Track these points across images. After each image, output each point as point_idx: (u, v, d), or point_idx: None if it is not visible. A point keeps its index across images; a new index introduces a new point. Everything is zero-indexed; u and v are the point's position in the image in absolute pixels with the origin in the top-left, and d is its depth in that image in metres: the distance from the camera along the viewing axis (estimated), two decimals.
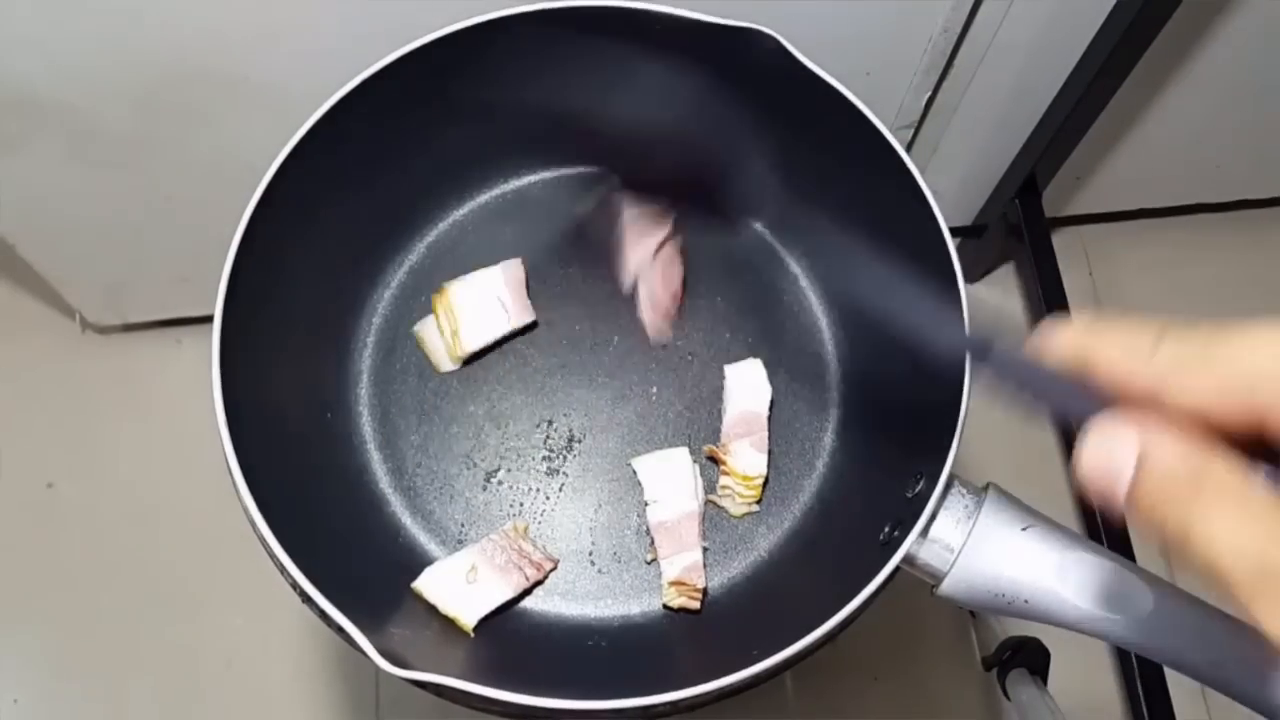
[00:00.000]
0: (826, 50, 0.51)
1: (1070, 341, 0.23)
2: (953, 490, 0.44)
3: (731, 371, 0.54)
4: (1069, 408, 0.24)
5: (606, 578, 0.52)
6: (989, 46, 0.74)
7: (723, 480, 0.53)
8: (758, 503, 0.53)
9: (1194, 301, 1.07)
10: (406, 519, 0.53)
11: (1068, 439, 0.98)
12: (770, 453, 0.53)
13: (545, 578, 0.51)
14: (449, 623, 0.48)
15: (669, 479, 0.51)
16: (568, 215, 0.60)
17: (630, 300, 0.53)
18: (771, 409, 0.54)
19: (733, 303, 0.58)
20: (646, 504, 0.51)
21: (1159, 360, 0.21)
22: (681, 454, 0.52)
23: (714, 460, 0.53)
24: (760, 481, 0.52)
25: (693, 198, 0.50)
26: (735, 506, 0.53)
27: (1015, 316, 1.05)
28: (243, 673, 0.92)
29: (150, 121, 0.69)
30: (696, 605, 0.50)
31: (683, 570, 0.50)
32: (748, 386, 0.54)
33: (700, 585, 0.50)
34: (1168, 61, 0.82)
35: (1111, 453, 0.21)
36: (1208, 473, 0.20)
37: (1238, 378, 0.20)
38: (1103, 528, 0.88)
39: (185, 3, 0.60)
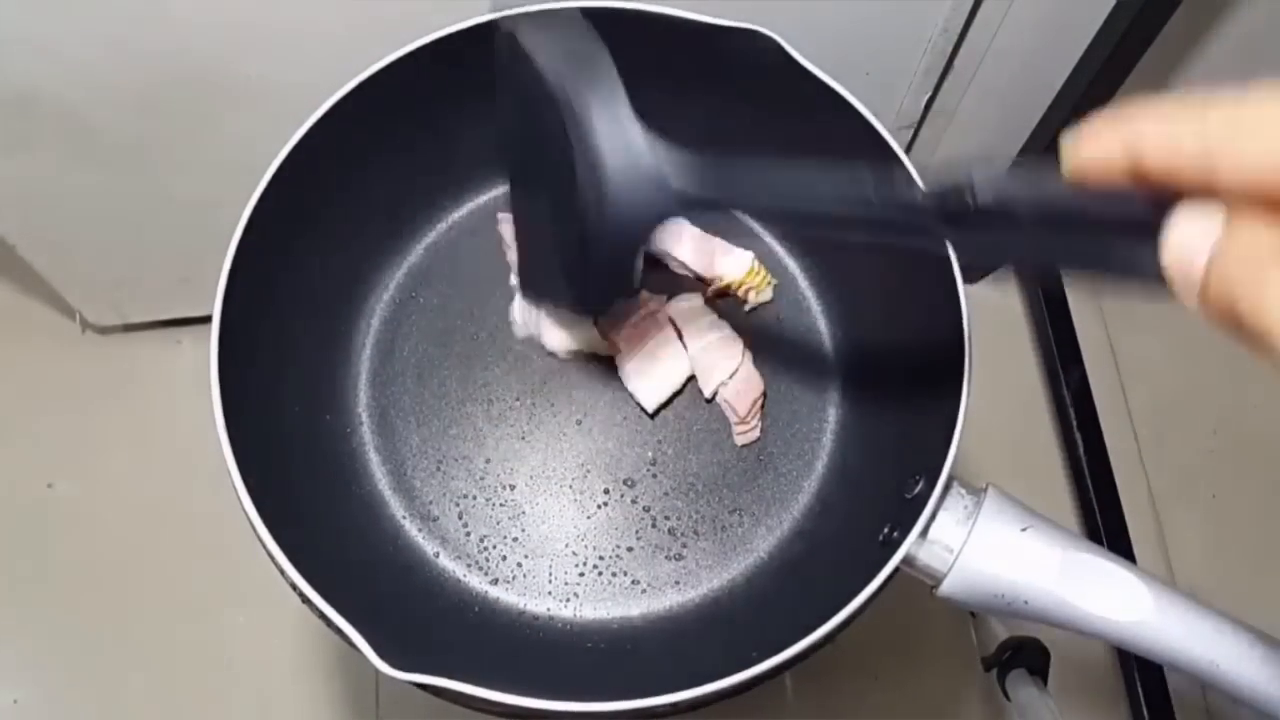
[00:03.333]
0: (826, 51, 0.51)
1: (1108, 137, 0.21)
2: (952, 491, 0.44)
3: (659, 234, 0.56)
4: (1126, 221, 0.21)
5: (606, 579, 0.52)
6: (989, 47, 0.74)
7: (735, 293, 0.56)
8: (771, 285, 0.57)
9: None
10: (405, 520, 0.53)
11: (1068, 439, 0.98)
12: (770, 452, 0.53)
13: None
14: (449, 623, 0.48)
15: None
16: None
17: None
18: (768, 397, 0.55)
19: (732, 302, 0.58)
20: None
21: (1210, 128, 0.19)
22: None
23: (717, 294, 0.56)
24: (758, 267, 0.56)
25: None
26: (758, 295, 0.57)
27: (1015, 317, 1.05)
28: (243, 673, 0.92)
29: (151, 122, 0.70)
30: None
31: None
32: (671, 236, 0.56)
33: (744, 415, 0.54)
34: (1167, 61, 0.82)
35: (1194, 229, 0.19)
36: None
37: None
38: (1102, 528, 0.88)
39: (186, 4, 0.60)
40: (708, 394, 0.54)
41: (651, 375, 0.54)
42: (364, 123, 0.51)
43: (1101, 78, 0.74)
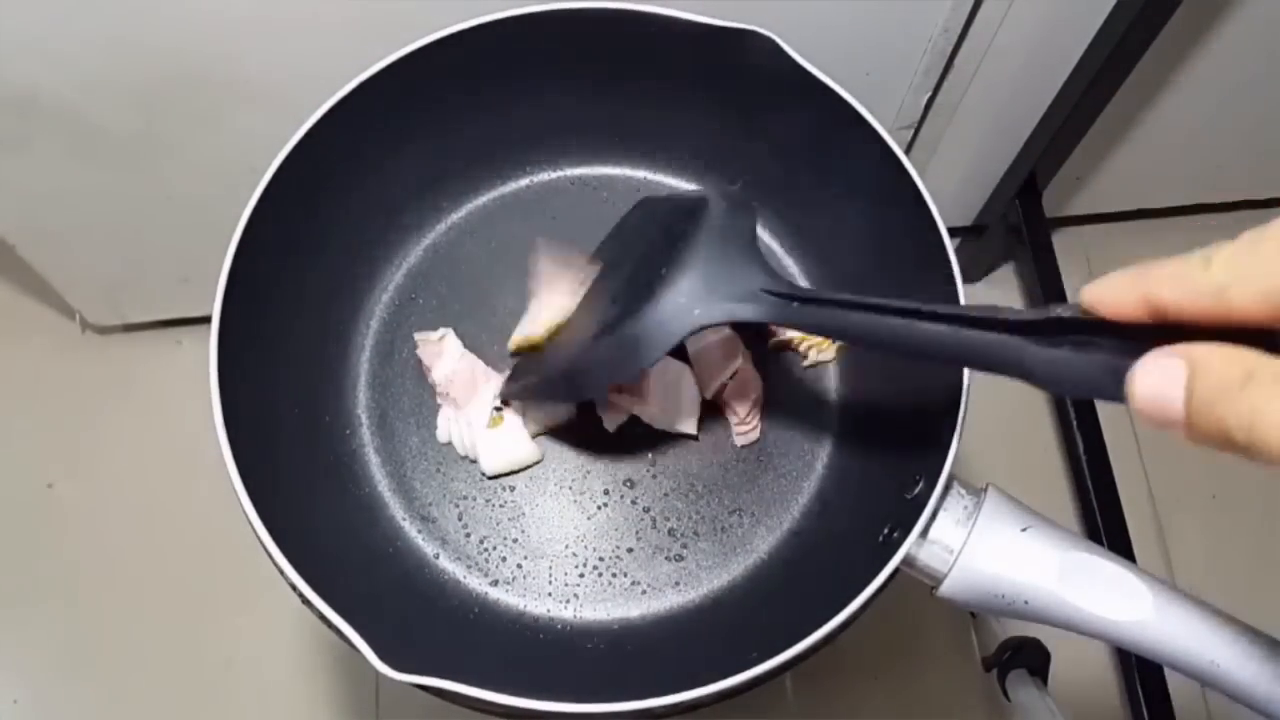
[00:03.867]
0: (825, 51, 0.51)
1: (1127, 289, 0.23)
2: (952, 491, 0.44)
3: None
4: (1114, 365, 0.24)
5: (606, 580, 0.52)
6: (989, 47, 0.74)
7: (795, 348, 0.57)
8: (834, 345, 0.57)
9: None
10: (405, 521, 0.53)
11: (1068, 439, 0.98)
12: (770, 452, 0.54)
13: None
14: (449, 624, 0.48)
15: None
16: (564, 219, 0.60)
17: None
18: (768, 397, 0.55)
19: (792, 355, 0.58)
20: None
21: (1214, 272, 0.22)
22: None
23: (777, 347, 0.56)
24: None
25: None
26: (819, 354, 0.56)
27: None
28: (243, 673, 0.92)
29: (151, 122, 0.69)
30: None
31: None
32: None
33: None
34: (1168, 61, 0.82)
35: (1162, 376, 0.22)
36: (1260, 365, 0.20)
37: None
38: (1103, 528, 0.88)
39: (187, 5, 0.60)
40: (708, 395, 0.54)
41: (679, 407, 0.54)
42: (364, 123, 0.51)
43: (1102, 77, 0.74)
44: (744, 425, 0.54)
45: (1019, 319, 0.27)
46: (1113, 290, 0.24)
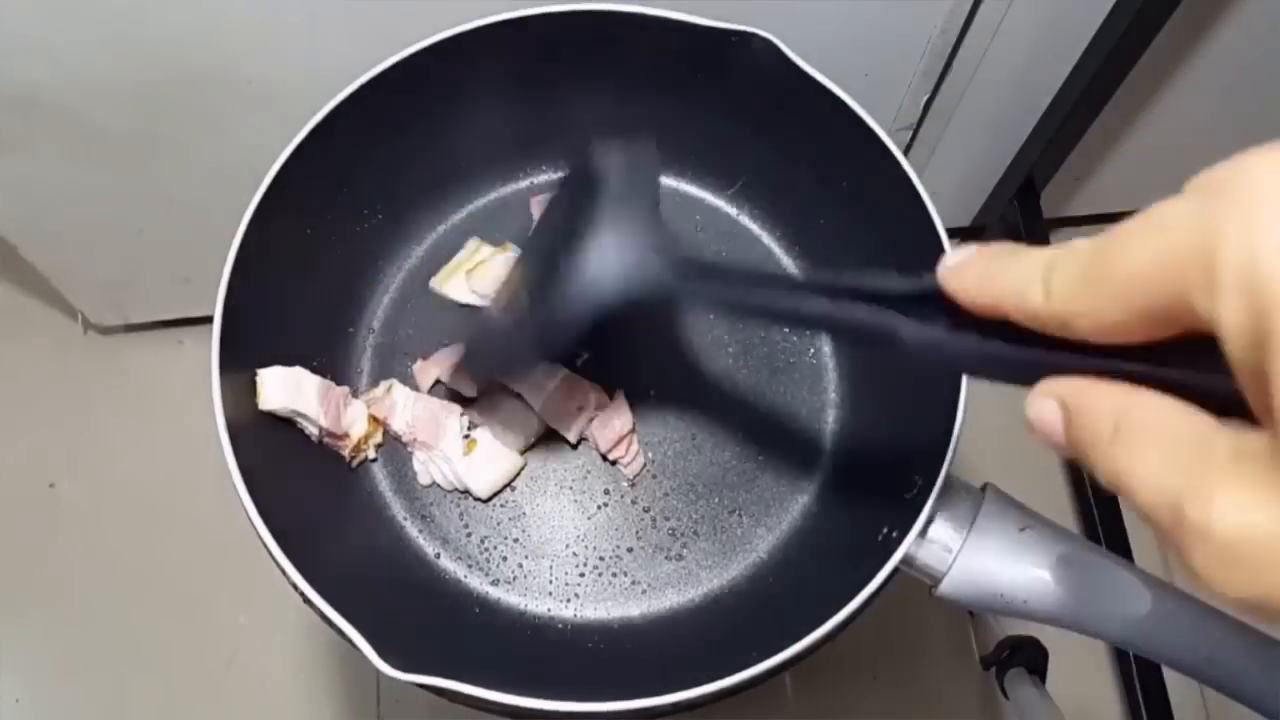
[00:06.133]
0: (824, 53, 0.51)
1: (978, 288, 0.23)
2: (950, 491, 0.44)
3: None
4: (1001, 372, 0.24)
5: (606, 580, 0.52)
6: (987, 48, 0.74)
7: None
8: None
9: None
10: (406, 521, 0.53)
11: None
12: (770, 452, 0.54)
13: None
14: (449, 624, 0.48)
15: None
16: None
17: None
18: (768, 411, 0.55)
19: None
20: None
21: (1055, 296, 0.21)
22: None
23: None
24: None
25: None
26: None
27: None
28: (243, 672, 0.93)
29: (152, 123, 0.70)
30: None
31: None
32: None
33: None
34: (1166, 61, 0.82)
35: (1042, 413, 0.22)
36: (1130, 409, 0.20)
37: (1124, 287, 0.19)
38: (1101, 528, 0.88)
39: (187, 5, 0.60)
40: (572, 440, 0.54)
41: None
42: (365, 125, 0.51)
43: (1100, 77, 0.75)
44: (620, 458, 0.54)
45: (896, 291, 0.27)
46: (964, 282, 0.23)
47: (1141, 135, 0.91)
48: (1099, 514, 0.89)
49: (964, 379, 0.44)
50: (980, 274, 0.23)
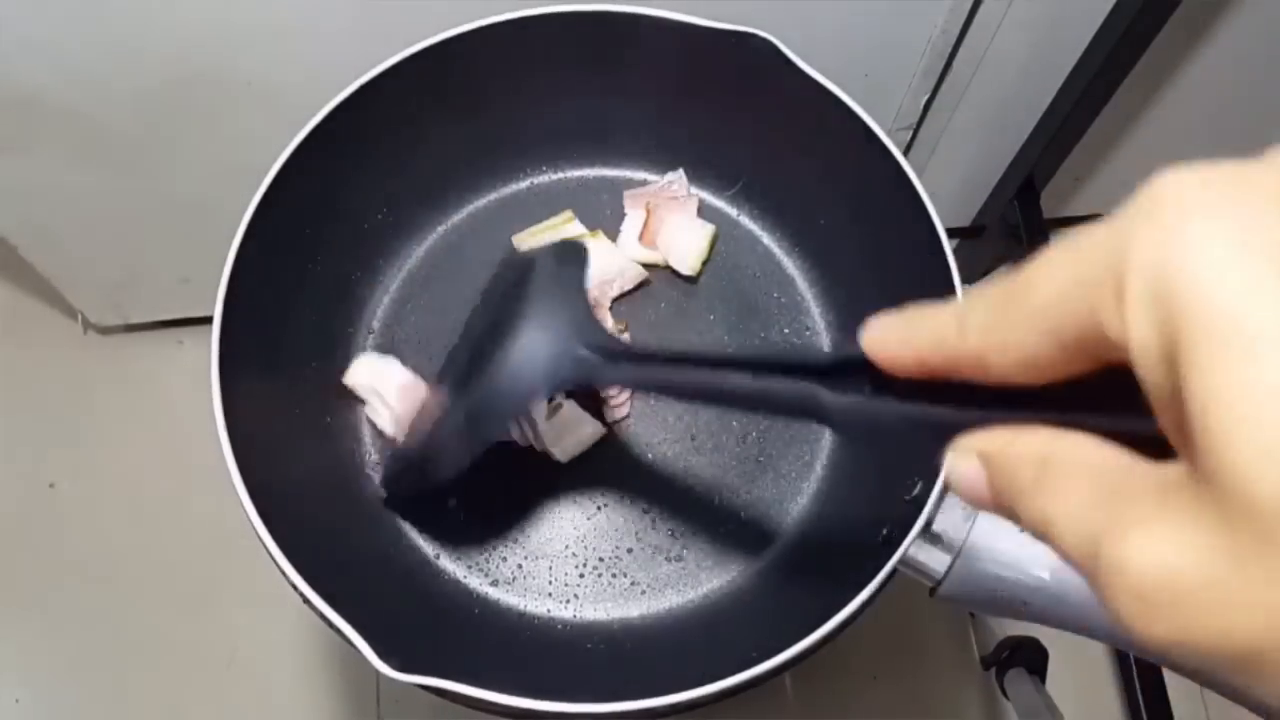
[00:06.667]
0: (824, 53, 0.51)
1: (899, 345, 0.22)
2: (951, 492, 0.44)
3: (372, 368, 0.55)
4: (926, 436, 0.23)
5: (606, 580, 0.52)
6: (987, 48, 0.74)
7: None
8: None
9: None
10: (406, 522, 0.53)
11: None
12: (770, 453, 0.54)
13: None
14: (449, 624, 0.48)
15: None
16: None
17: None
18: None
19: (730, 304, 0.58)
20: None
21: (970, 334, 0.20)
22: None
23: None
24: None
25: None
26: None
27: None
28: (243, 672, 0.93)
29: (152, 123, 0.70)
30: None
31: None
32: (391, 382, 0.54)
33: None
34: (1166, 61, 0.82)
35: (959, 466, 0.21)
36: (1051, 452, 0.19)
37: (1038, 315, 0.18)
38: None
39: (188, 6, 0.60)
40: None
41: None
42: (365, 126, 0.51)
43: (1100, 78, 0.75)
44: (612, 398, 0.55)
45: (817, 362, 0.26)
46: (887, 345, 0.22)
47: (1141, 135, 0.91)
48: None
49: None
50: (901, 328, 0.22)
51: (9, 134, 0.69)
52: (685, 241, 0.58)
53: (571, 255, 0.42)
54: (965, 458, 0.21)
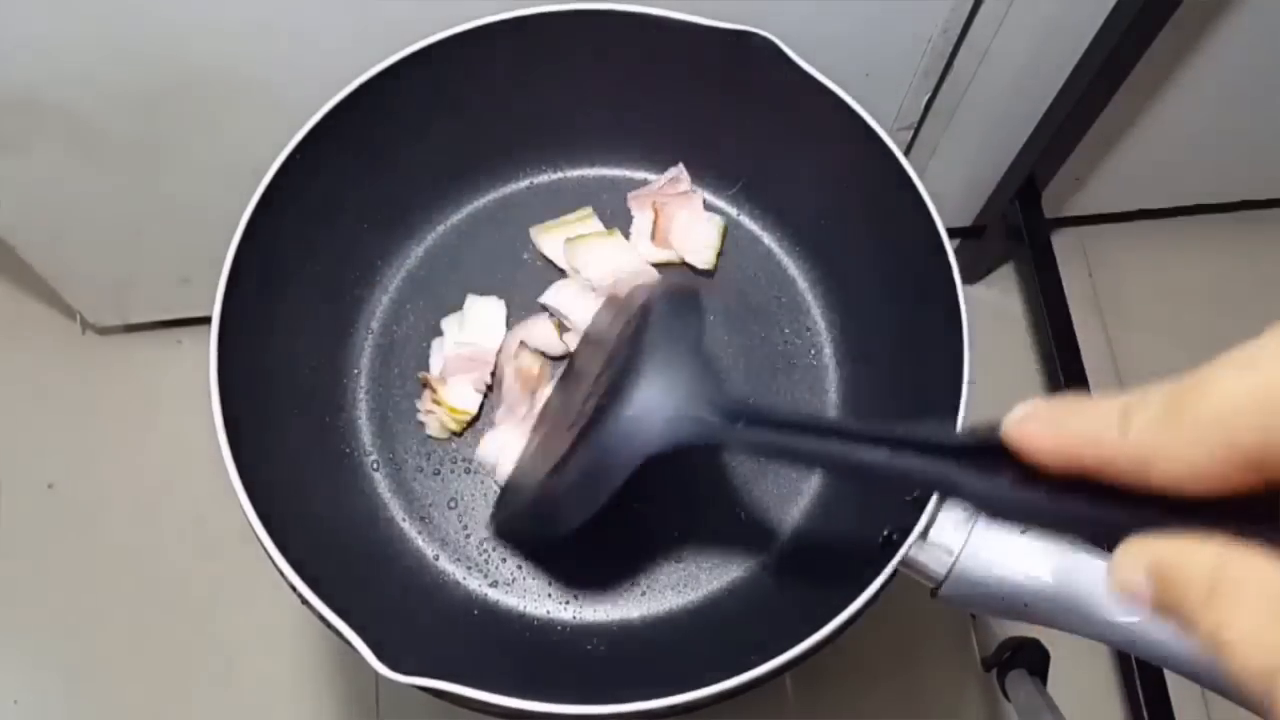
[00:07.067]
0: (825, 52, 0.51)
1: (1048, 441, 0.21)
2: None
3: (472, 302, 0.56)
4: (1076, 528, 0.22)
5: (605, 581, 0.52)
6: (988, 48, 0.74)
7: (428, 405, 0.54)
8: (458, 434, 0.54)
9: (1194, 302, 1.07)
10: (405, 522, 0.53)
11: None
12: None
13: None
14: (448, 626, 0.48)
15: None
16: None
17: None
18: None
19: (730, 304, 0.58)
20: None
21: (1134, 438, 0.19)
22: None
23: (426, 386, 0.54)
24: (468, 418, 0.54)
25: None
26: (435, 428, 0.54)
27: (1015, 317, 1.05)
28: (243, 672, 0.93)
29: (151, 123, 0.70)
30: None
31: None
32: (484, 322, 0.55)
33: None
34: (1167, 62, 0.82)
35: (1128, 579, 0.20)
36: (1223, 570, 0.18)
37: (1213, 426, 0.18)
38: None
39: (188, 6, 0.60)
40: None
41: None
42: (364, 126, 0.51)
43: (1101, 77, 0.74)
44: None
45: (955, 444, 0.26)
46: (1034, 438, 0.22)
47: (1142, 136, 0.91)
48: None
49: (965, 380, 0.44)
50: (1050, 420, 0.21)
51: (9, 134, 0.69)
52: (698, 235, 0.58)
53: (686, 307, 0.41)
54: (1133, 569, 0.20)
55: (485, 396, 0.55)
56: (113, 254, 0.86)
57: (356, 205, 0.55)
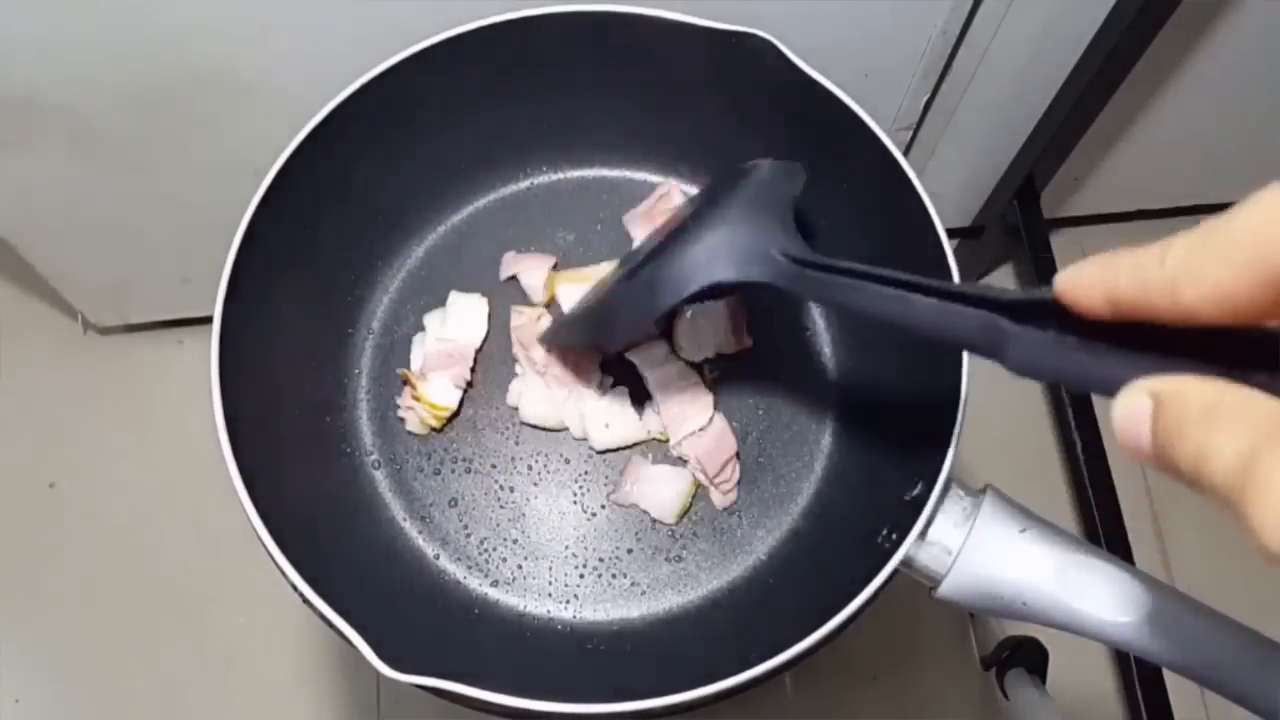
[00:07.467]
0: (824, 53, 0.51)
1: (1094, 282, 0.23)
2: (951, 493, 0.44)
3: (455, 299, 0.56)
4: (1100, 378, 0.24)
5: (605, 581, 0.52)
6: (987, 49, 0.74)
7: (408, 402, 0.54)
8: (438, 430, 0.54)
9: None
10: (405, 521, 0.53)
11: (1066, 441, 0.98)
12: (770, 453, 0.54)
13: None
14: (448, 624, 0.48)
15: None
16: (564, 219, 0.60)
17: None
18: (767, 412, 0.55)
19: (730, 304, 0.58)
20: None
21: (1169, 262, 0.21)
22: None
23: (406, 382, 0.54)
24: (447, 414, 0.54)
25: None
26: (414, 424, 0.54)
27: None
28: (243, 672, 0.93)
29: (152, 123, 0.70)
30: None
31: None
32: (466, 318, 0.56)
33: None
34: (1166, 62, 0.82)
35: (1132, 412, 0.21)
36: (1220, 398, 0.20)
37: (1247, 247, 0.19)
38: (1101, 529, 0.88)
39: (188, 5, 0.60)
40: (674, 449, 0.54)
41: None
42: (365, 125, 0.51)
43: (1100, 78, 0.75)
44: (718, 485, 0.53)
45: (1007, 298, 0.27)
46: (1081, 282, 0.23)
47: (1141, 136, 0.91)
48: (1099, 515, 0.89)
49: (964, 381, 0.44)
50: (1100, 263, 0.23)
51: (9, 134, 0.69)
52: None
53: (789, 172, 0.44)
54: (1137, 394, 0.21)
55: (465, 392, 0.55)
56: (113, 254, 0.86)
57: (357, 205, 0.55)
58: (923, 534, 0.43)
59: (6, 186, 0.75)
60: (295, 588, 0.40)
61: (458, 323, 0.56)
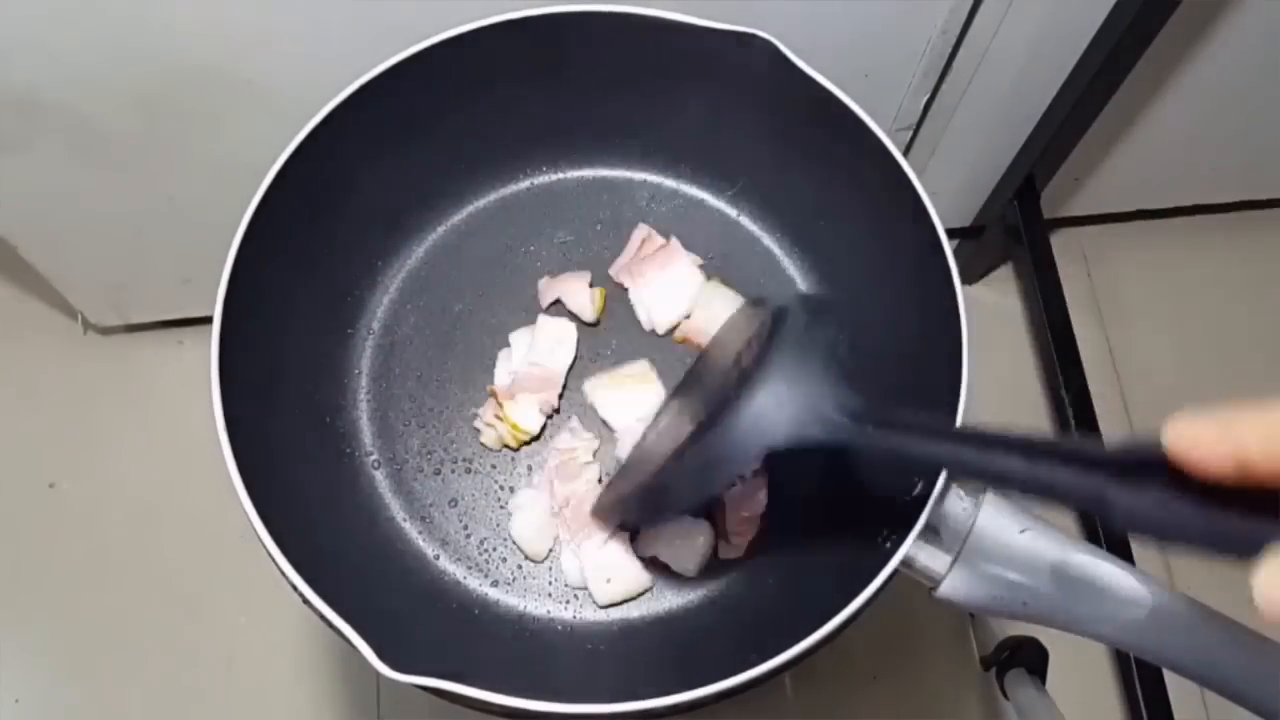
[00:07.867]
0: (824, 53, 0.51)
1: (1214, 441, 0.21)
2: (951, 493, 0.44)
3: (545, 323, 0.55)
4: (1224, 542, 0.22)
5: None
6: (988, 48, 0.74)
7: (489, 417, 0.53)
8: (513, 449, 0.54)
9: (1192, 302, 1.07)
10: (405, 522, 0.53)
11: None
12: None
13: None
14: (448, 625, 0.48)
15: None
16: (564, 219, 0.60)
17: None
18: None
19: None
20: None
21: None
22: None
23: (492, 396, 0.54)
24: (528, 438, 0.53)
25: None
26: (491, 440, 0.54)
27: (1014, 317, 1.05)
28: (243, 672, 0.93)
29: (152, 123, 0.70)
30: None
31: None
32: (556, 344, 0.55)
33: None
34: (1166, 63, 0.82)
35: (1273, 587, 0.20)
36: None
37: None
38: (1101, 529, 0.88)
39: (188, 5, 0.60)
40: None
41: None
42: (365, 125, 0.51)
43: (1100, 78, 0.75)
44: (733, 535, 0.52)
45: (1102, 456, 0.25)
46: (1198, 440, 0.21)
47: (1141, 136, 0.91)
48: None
49: (964, 380, 0.44)
50: (1220, 427, 0.21)
51: (9, 134, 0.69)
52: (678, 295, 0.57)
53: (822, 312, 0.41)
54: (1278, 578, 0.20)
55: (548, 419, 0.54)
56: (113, 254, 0.86)
57: (357, 205, 0.55)
58: (923, 534, 0.43)
59: (6, 186, 0.75)
60: (295, 588, 0.40)
61: (548, 347, 0.55)
